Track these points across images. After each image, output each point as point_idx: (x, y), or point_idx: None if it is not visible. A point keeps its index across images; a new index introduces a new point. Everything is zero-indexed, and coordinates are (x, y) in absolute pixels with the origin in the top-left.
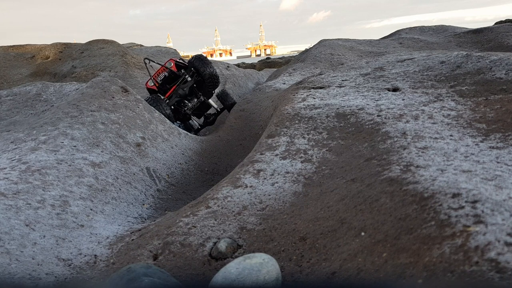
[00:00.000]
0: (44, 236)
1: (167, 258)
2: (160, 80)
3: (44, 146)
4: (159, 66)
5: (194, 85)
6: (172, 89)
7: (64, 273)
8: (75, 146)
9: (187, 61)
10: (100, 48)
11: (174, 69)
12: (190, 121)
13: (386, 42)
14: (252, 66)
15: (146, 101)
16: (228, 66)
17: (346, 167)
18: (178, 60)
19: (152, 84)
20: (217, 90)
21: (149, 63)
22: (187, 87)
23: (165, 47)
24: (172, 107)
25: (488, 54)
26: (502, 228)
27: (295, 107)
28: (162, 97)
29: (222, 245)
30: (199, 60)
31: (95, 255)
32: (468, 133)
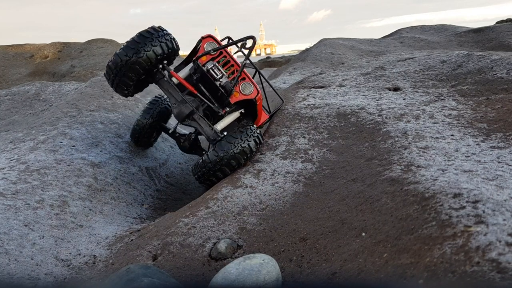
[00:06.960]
0: (43, 237)
1: (166, 258)
2: None
3: (43, 146)
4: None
5: None
6: None
7: (63, 274)
8: (74, 146)
9: None
10: (99, 48)
11: None
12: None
13: (387, 41)
14: None
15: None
16: None
17: (347, 167)
18: None
19: None
20: None
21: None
22: None
23: None
24: None
25: (489, 54)
26: (503, 228)
27: (296, 106)
28: None
29: (222, 246)
30: None
31: (94, 256)
32: (469, 132)
